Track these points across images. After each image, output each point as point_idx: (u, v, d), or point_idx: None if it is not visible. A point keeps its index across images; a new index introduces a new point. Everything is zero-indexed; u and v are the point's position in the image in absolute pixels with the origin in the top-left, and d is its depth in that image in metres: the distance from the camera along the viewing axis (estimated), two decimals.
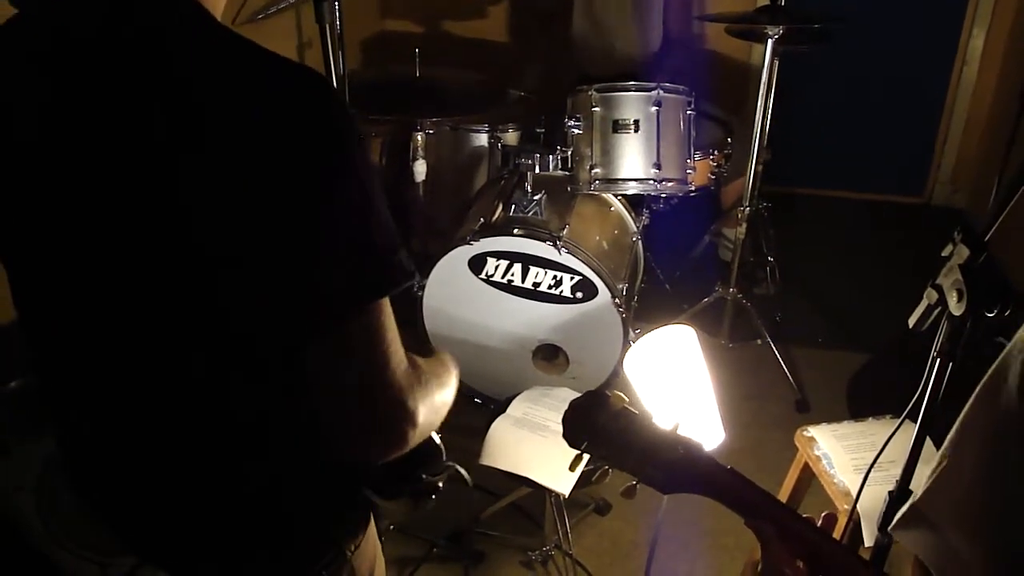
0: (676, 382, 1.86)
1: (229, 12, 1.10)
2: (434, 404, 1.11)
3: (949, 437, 0.78)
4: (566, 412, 1.16)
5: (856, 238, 4.56)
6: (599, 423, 1.13)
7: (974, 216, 3.98)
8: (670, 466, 1.11)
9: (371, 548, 1.35)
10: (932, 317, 1.37)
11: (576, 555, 2.60)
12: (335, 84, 2.58)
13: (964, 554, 0.74)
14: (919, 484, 0.92)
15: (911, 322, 1.40)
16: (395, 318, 1.04)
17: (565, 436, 1.16)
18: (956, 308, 1.28)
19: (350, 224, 0.96)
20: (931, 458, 1.24)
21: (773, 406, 3.32)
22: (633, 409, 1.15)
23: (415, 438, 1.05)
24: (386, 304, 1.01)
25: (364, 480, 1.28)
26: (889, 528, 0.78)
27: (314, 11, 2.00)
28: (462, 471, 2.24)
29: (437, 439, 1.32)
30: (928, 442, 1.36)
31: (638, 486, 1.15)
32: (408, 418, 1.03)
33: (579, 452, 1.16)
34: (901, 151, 4.88)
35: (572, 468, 1.27)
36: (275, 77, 0.95)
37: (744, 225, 3.40)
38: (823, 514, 1.18)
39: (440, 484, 1.33)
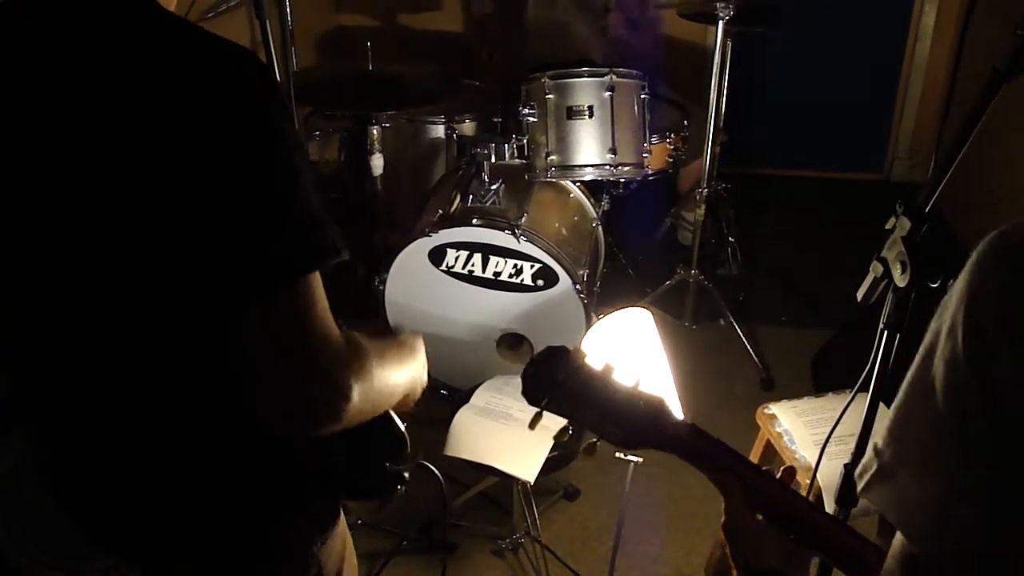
0: (633, 365, 1.86)
1: (180, 11, 1.11)
2: (377, 382, 1.11)
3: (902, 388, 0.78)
4: (525, 368, 1.13)
5: (817, 216, 4.59)
6: (559, 380, 1.11)
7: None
8: (631, 422, 1.10)
9: (339, 543, 1.35)
10: (879, 290, 1.38)
11: (546, 541, 2.60)
12: (284, 79, 2.56)
13: (918, 498, 0.75)
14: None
15: (859, 295, 1.41)
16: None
17: (524, 393, 1.13)
18: (900, 280, 1.30)
19: (276, 199, 0.98)
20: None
21: (739, 386, 3.35)
22: (594, 365, 1.13)
23: (351, 413, 1.05)
24: (314, 278, 1.01)
25: (331, 476, 1.27)
26: (857, 492, 0.79)
27: (254, 7, 1.97)
28: (429, 466, 2.25)
29: (402, 427, 1.31)
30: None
31: (599, 443, 1.13)
32: (339, 391, 1.03)
33: (539, 410, 1.14)
34: (858, 128, 4.92)
35: (532, 426, 1.23)
36: (211, 58, 0.98)
37: (703, 207, 3.43)
38: (782, 467, 1.19)
39: (406, 475, 1.31)
